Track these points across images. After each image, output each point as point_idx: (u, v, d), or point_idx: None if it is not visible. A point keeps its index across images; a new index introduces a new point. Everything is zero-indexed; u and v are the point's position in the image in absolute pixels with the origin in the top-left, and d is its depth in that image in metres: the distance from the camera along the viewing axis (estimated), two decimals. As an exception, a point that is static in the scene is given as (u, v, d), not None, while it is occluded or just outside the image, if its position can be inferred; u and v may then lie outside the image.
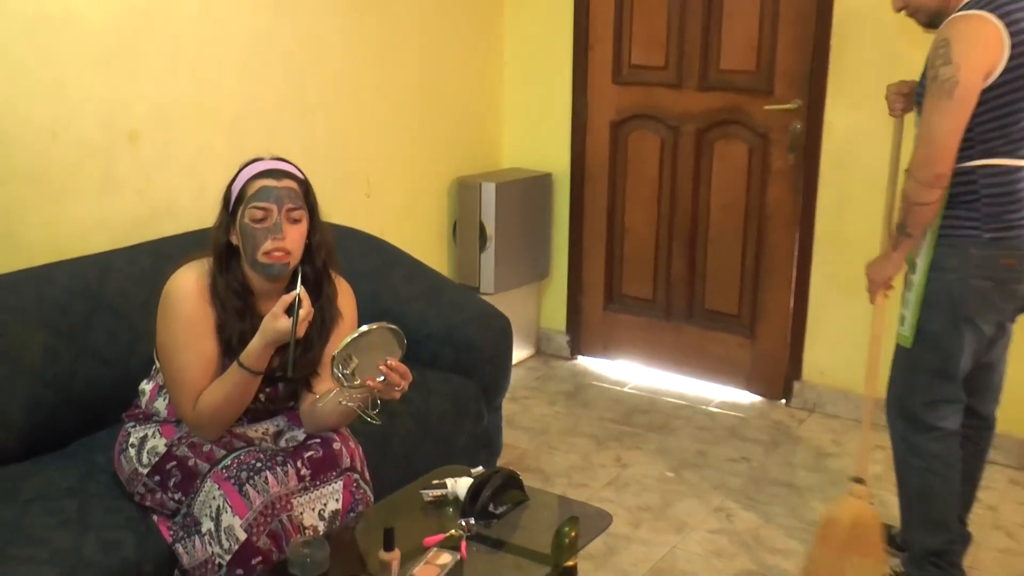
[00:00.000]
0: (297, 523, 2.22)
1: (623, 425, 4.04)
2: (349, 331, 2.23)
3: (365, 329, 2.14)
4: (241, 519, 2.15)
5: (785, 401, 4.26)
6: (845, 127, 3.90)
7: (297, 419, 2.44)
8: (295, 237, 2.28)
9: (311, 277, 2.37)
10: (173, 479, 2.28)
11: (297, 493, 2.25)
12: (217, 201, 2.38)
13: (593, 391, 4.40)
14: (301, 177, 2.35)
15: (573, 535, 2.21)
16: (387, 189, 4.09)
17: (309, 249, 2.35)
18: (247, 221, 2.25)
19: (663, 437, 3.93)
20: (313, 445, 2.34)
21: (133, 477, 2.33)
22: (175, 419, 2.38)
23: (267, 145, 2.98)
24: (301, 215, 2.29)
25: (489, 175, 4.44)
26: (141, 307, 2.69)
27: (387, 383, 2.16)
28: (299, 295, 2.21)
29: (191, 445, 2.31)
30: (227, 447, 2.30)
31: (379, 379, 2.15)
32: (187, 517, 2.25)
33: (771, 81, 4.07)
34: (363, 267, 3.21)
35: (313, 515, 2.28)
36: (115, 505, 2.31)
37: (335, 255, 2.45)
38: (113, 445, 2.42)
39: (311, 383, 2.41)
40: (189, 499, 2.25)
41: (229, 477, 2.19)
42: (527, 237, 4.51)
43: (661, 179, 4.41)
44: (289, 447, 2.36)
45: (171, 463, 2.29)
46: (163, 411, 2.40)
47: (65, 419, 2.60)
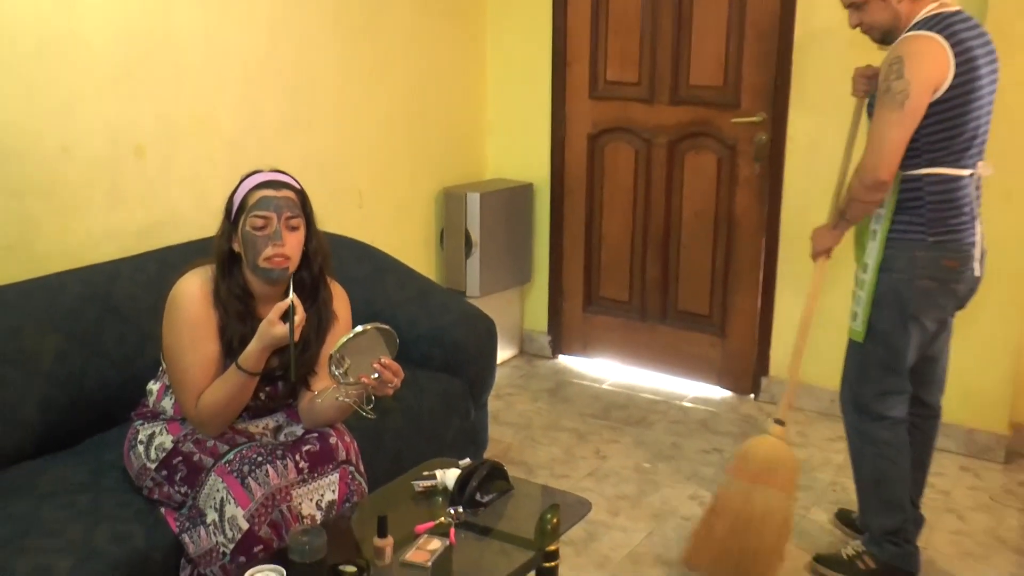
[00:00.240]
0: (296, 513, 2.22)
1: (602, 420, 4.04)
2: (344, 332, 2.22)
3: (360, 330, 2.14)
4: (243, 510, 2.15)
5: (754, 396, 4.28)
6: (807, 138, 3.91)
7: (295, 415, 2.44)
8: (294, 243, 2.28)
9: (308, 282, 2.36)
10: (179, 473, 2.27)
11: (296, 485, 2.25)
12: (218, 211, 2.37)
13: (573, 388, 4.40)
14: (298, 188, 2.35)
15: (555, 521, 2.22)
16: (378, 199, 4.08)
17: (306, 255, 2.34)
18: (248, 229, 2.25)
19: (639, 431, 3.93)
20: (311, 440, 2.34)
21: (142, 472, 2.32)
22: (181, 417, 2.37)
23: (265, 159, 2.97)
24: (299, 223, 2.29)
25: (474, 185, 4.44)
26: (148, 312, 2.66)
27: (381, 380, 2.16)
28: (292, 302, 2.20)
29: (196, 441, 2.30)
30: (230, 442, 2.30)
31: (373, 376, 2.15)
32: (192, 509, 2.24)
33: (738, 95, 4.09)
34: (356, 273, 3.19)
35: (311, 505, 2.28)
36: (125, 499, 2.31)
37: (330, 261, 2.43)
38: (122, 442, 2.42)
39: (309, 381, 2.40)
40: (194, 492, 2.24)
41: (232, 471, 2.19)
42: (510, 244, 4.51)
43: (636, 188, 4.41)
44: (288, 442, 2.35)
45: (177, 458, 2.29)
46: (170, 410, 2.40)
47: (77, 418, 2.60)
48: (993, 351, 3.60)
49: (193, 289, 2.30)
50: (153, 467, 2.30)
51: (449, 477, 2.34)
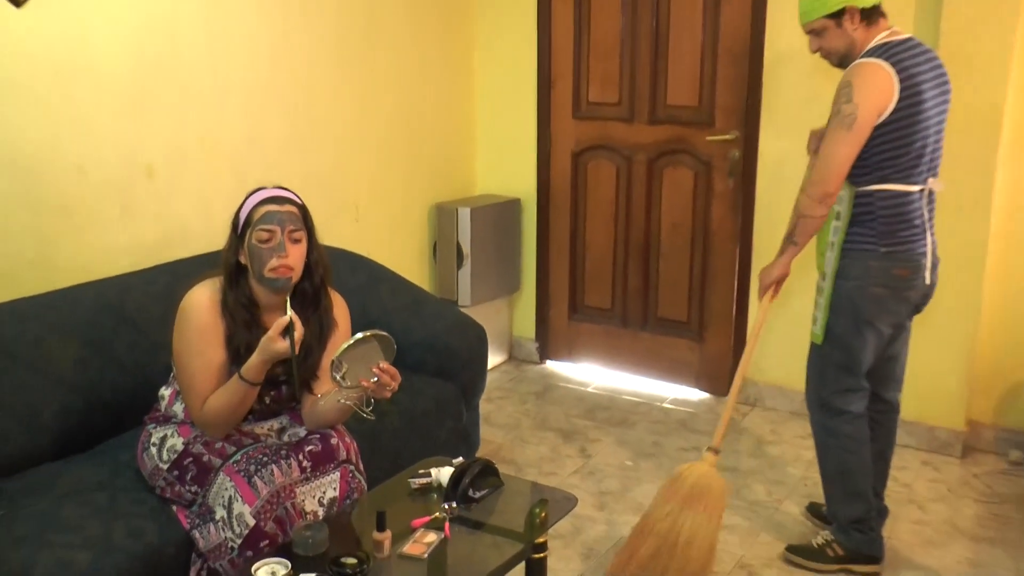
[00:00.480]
0: (300, 509, 2.24)
1: (587, 420, 4.05)
2: (344, 339, 2.23)
3: (360, 336, 2.15)
4: (250, 507, 2.17)
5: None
6: (776, 154, 3.93)
7: (298, 417, 2.44)
8: (296, 255, 2.29)
9: (310, 291, 2.37)
10: (190, 473, 2.28)
11: (299, 483, 2.26)
12: (224, 226, 2.39)
13: (560, 391, 4.40)
14: (300, 203, 2.35)
15: (543, 516, 2.24)
16: (374, 214, 4.09)
17: (308, 266, 2.35)
18: (254, 242, 2.26)
19: (622, 430, 3.95)
20: (313, 440, 2.35)
21: (154, 472, 2.34)
22: (191, 420, 2.37)
23: (267, 177, 2.93)
24: (301, 236, 2.30)
25: (464, 201, 4.45)
26: (159, 321, 2.65)
27: (379, 384, 2.18)
28: (291, 318, 2.20)
29: (205, 443, 2.31)
30: (237, 444, 2.31)
31: (372, 380, 2.16)
32: (202, 506, 2.25)
33: (712, 115, 4.10)
34: (353, 283, 3.19)
35: (314, 502, 2.29)
36: (139, 497, 2.32)
37: (330, 272, 2.44)
38: (136, 445, 2.43)
39: (311, 386, 2.41)
40: (204, 491, 2.26)
41: (239, 470, 2.21)
42: (499, 255, 4.51)
43: (617, 202, 4.42)
44: (292, 442, 2.36)
45: (188, 459, 2.30)
46: (180, 414, 2.41)
47: (94, 422, 2.61)
48: (950, 354, 3.63)
49: (202, 299, 2.31)
50: (165, 467, 2.32)
51: (443, 475, 2.35)
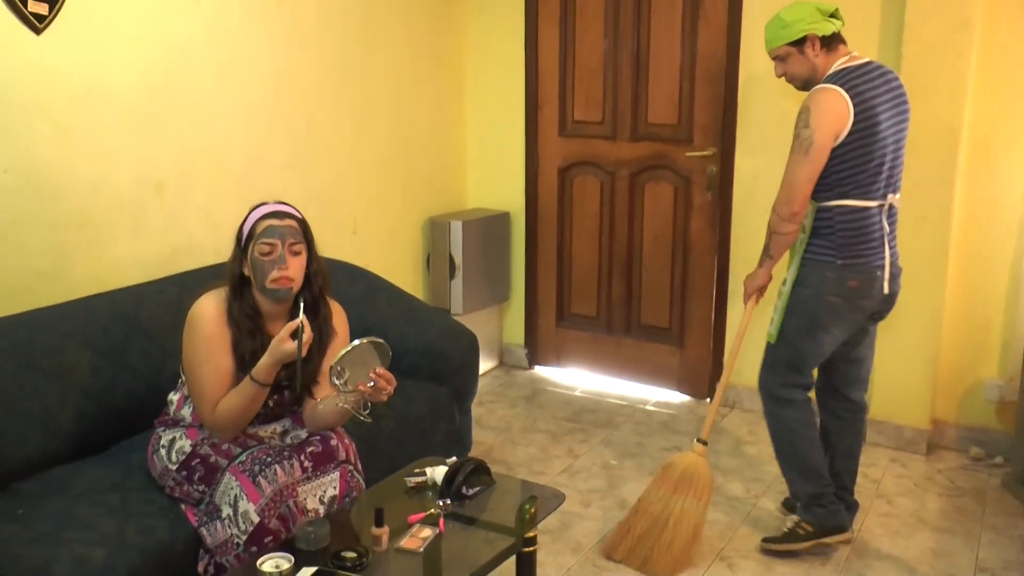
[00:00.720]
0: (302, 507, 2.25)
1: (574, 423, 4.06)
2: (343, 346, 2.25)
3: (357, 343, 2.17)
4: (255, 505, 2.18)
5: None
6: (750, 169, 3.96)
7: (300, 420, 2.45)
8: (297, 267, 2.30)
9: (309, 301, 2.37)
10: (197, 473, 2.29)
11: (301, 482, 2.27)
12: (230, 240, 2.39)
13: (548, 395, 4.41)
14: (300, 217, 2.37)
15: (533, 511, 2.23)
16: (371, 227, 4.10)
17: (308, 277, 2.36)
18: (257, 255, 2.28)
19: (608, 432, 3.96)
20: (314, 442, 2.36)
21: (164, 473, 2.35)
22: (199, 423, 2.38)
23: (270, 192, 2.99)
24: (301, 248, 2.32)
25: (456, 214, 4.45)
26: (169, 330, 2.68)
27: (376, 388, 2.19)
28: (302, 322, 2.22)
29: (212, 445, 2.32)
30: (242, 445, 2.32)
31: (370, 385, 2.18)
32: (209, 505, 2.26)
33: (691, 132, 4.12)
34: (351, 293, 3.17)
35: (315, 500, 2.30)
36: (150, 497, 2.33)
37: (330, 282, 2.45)
38: (147, 447, 2.44)
39: (312, 390, 2.42)
40: (211, 490, 2.27)
41: (244, 470, 2.22)
42: (490, 266, 4.52)
43: (601, 215, 4.44)
44: (294, 444, 2.37)
45: (196, 460, 2.31)
46: (188, 417, 2.41)
47: (107, 426, 2.61)
48: (915, 357, 3.65)
49: (209, 309, 2.32)
50: (174, 468, 2.33)
51: (438, 473, 2.36)
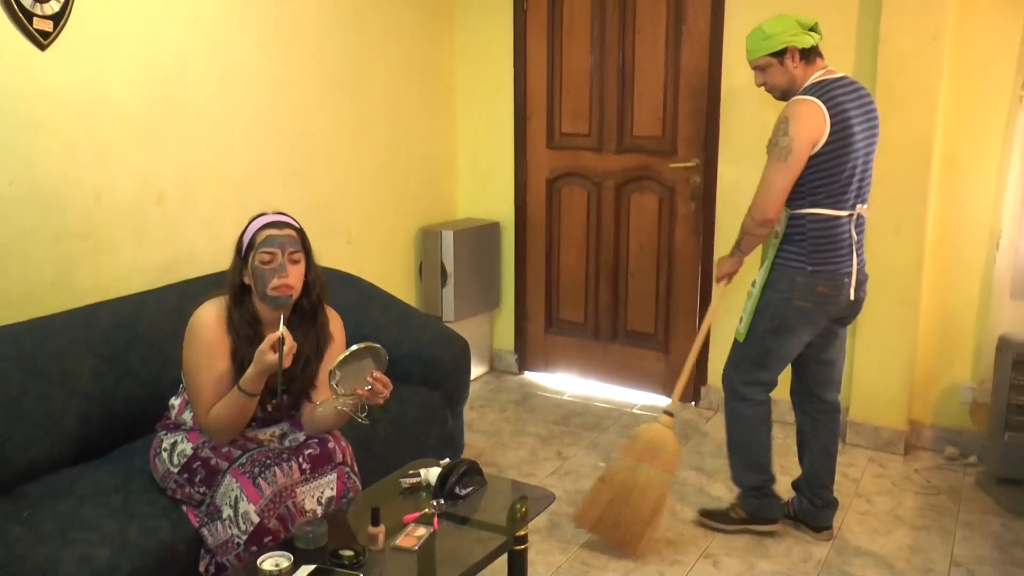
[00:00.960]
0: (300, 508, 2.26)
1: (563, 426, 4.07)
2: (340, 351, 2.25)
3: (354, 348, 2.18)
4: (255, 506, 2.20)
5: (695, 403, 4.30)
6: (733, 180, 3.97)
7: (298, 424, 2.46)
8: (296, 275, 2.32)
9: (307, 308, 2.39)
10: (198, 476, 2.30)
11: (300, 483, 2.29)
12: (229, 249, 2.40)
13: (537, 399, 4.42)
14: (298, 227, 2.38)
15: (524, 511, 2.26)
16: (365, 237, 4.11)
17: (306, 285, 2.37)
18: (257, 264, 2.29)
19: (595, 435, 3.97)
20: (312, 444, 2.37)
21: (166, 475, 2.36)
22: (199, 427, 2.38)
23: (268, 203, 2.97)
24: (300, 257, 2.33)
25: (448, 224, 4.46)
26: (170, 337, 2.67)
27: (373, 391, 2.20)
28: (283, 333, 2.20)
29: (213, 448, 2.33)
30: (242, 448, 2.33)
31: (366, 388, 2.19)
32: (210, 506, 2.28)
33: (675, 144, 4.14)
34: (346, 301, 3.13)
35: (313, 501, 2.31)
36: (152, 498, 2.35)
37: (327, 290, 2.46)
38: (149, 450, 2.45)
39: (310, 394, 2.42)
40: (212, 491, 2.28)
41: (244, 472, 2.24)
42: (480, 274, 4.53)
43: (588, 225, 4.45)
44: (292, 446, 2.38)
45: (197, 463, 2.32)
46: (189, 421, 2.42)
47: (109, 430, 2.62)
48: (892, 361, 3.68)
49: (209, 316, 2.33)
50: (176, 471, 2.34)
51: (432, 475, 2.38)
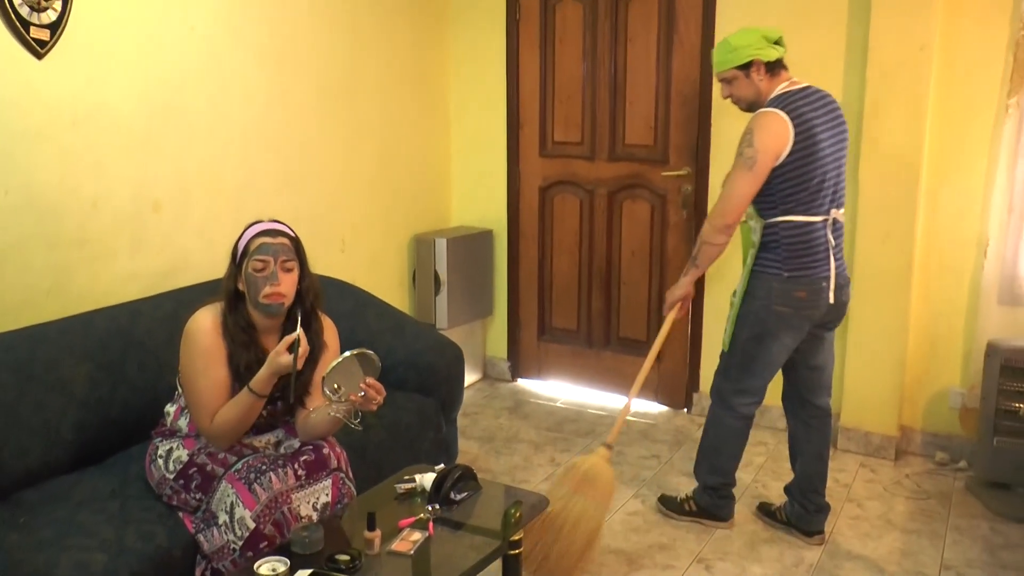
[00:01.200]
0: (295, 513, 2.26)
1: (556, 433, 4.08)
2: (334, 358, 2.24)
3: (348, 354, 2.18)
4: (251, 511, 2.20)
5: (686, 410, 4.32)
6: None
7: (293, 430, 2.47)
8: (289, 283, 2.33)
9: (302, 315, 2.37)
10: (194, 482, 2.31)
11: (295, 489, 2.29)
12: (224, 257, 2.41)
13: (530, 406, 4.42)
14: (293, 235, 2.38)
15: (518, 515, 2.28)
16: (358, 245, 4.12)
17: (300, 293, 2.37)
18: (250, 271, 2.30)
19: (588, 441, 3.97)
20: (307, 450, 2.37)
21: (162, 482, 2.36)
22: (195, 434, 2.40)
23: (263, 212, 3.02)
24: (293, 265, 2.34)
25: (441, 232, 4.47)
26: (165, 344, 2.70)
27: (366, 398, 2.20)
28: (299, 336, 2.24)
29: (209, 454, 2.34)
30: (238, 454, 2.34)
31: (360, 395, 2.19)
32: (206, 512, 2.28)
33: (666, 153, 4.16)
34: (340, 308, 3.15)
35: (308, 507, 2.31)
36: (148, 504, 2.34)
37: (321, 297, 2.46)
38: (145, 457, 2.45)
39: (304, 401, 2.43)
40: (208, 497, 2.29)
41: (240, 478, 2.24)
42: (473, 282, 4.54)
43: (581, 233, 4.46)
44: (287, 453, 2.38)
45: (192, 469, 2.32)
46: (185, 428, 2.42)
47: (105, 437, 2.62)
48: (883, 367, 3.70)
49: (205, 323, 2.34)
50: (172, 477, 2.35)
51: (426, 480, 2.38)
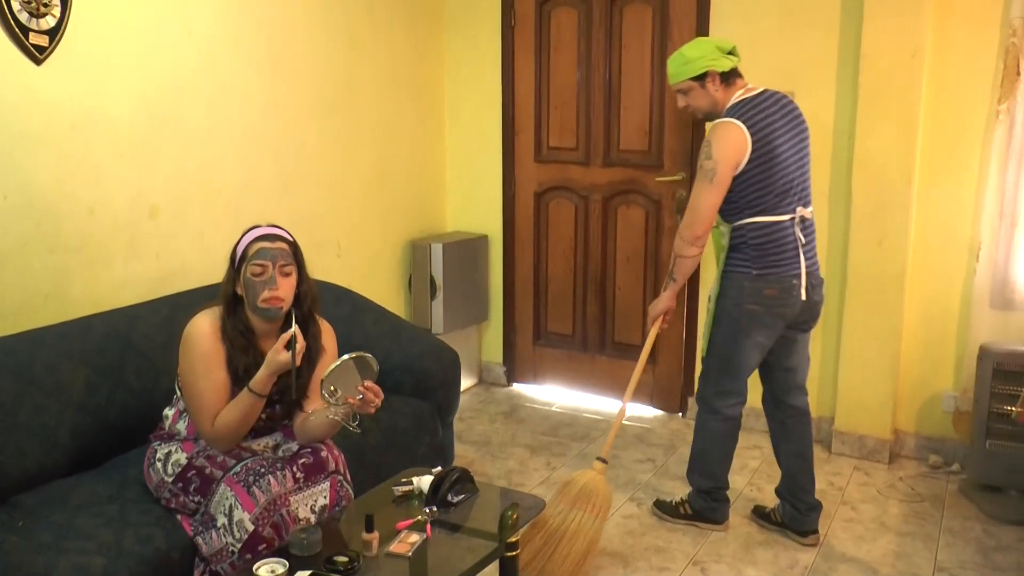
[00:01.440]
0: (294, 516, 2.27)
1: (551, 437, 4.09)
2: (332, 362, 2.26)
3: (346, 358, 2.20)
4: (249, 514, 2.21)
5: (681, 414, 4.32)
6: None
7: (291, 434, 2.48)
8: (287, 287, 2.34)
9: (300, 319, 2.39)
10: (193, 485, 2.31)
11: (293, 492, 2.30)
12: (221, 262, 2.42)
13: (526, 411, 4.42)
14: (291, 240, 2.39)
15: (515, 518, 2.29)
16: (354, 250, 4.12)
17: (298, 297, 2.39)
18: (249, 276, 2.31)
19: (584, 445, 3.98)
20: (305, 453, 2.38)
21: (160, 485, 2.36)
22: (194, 437, 2.41)
23: (259, 217, 3.01)
24: (291, 270, 2.35)
25: (437, 237, 4.47)
26: (162, 348, 2.72)
27: (364, 400, 2.22)
28: (295, 332, 2.26)
29: (207, 457, 2.35)
30: (236, 457, 2.35)
31: (358, 397, 2.21)
32: (205, 515, 2.28)
33: (660, 158, 4.17)
34: (337, 313, 3.16)
35: (307, 509, 2.32)
36: (146, 508, 2.35)
37: (319, 301, 2.47)
38: (143, 461, 2.46)
39: (302, 404, 2.44)
40: (206, 500, 2.29)
41: (239, 480, 2.25)
42: (469, 287, 4.54)
43: (576, 238, 4.47)
44: (286, 456, 2.39)
45: (191, 472, 2.33)
46: (183, 431, 2.43)
47: (104, 440, 2.62)
48: (877, 371, 3.72)
49: (204, 326, 2.35)
50: (170, 480, 2.35)
51: (424, 482, 2.39)
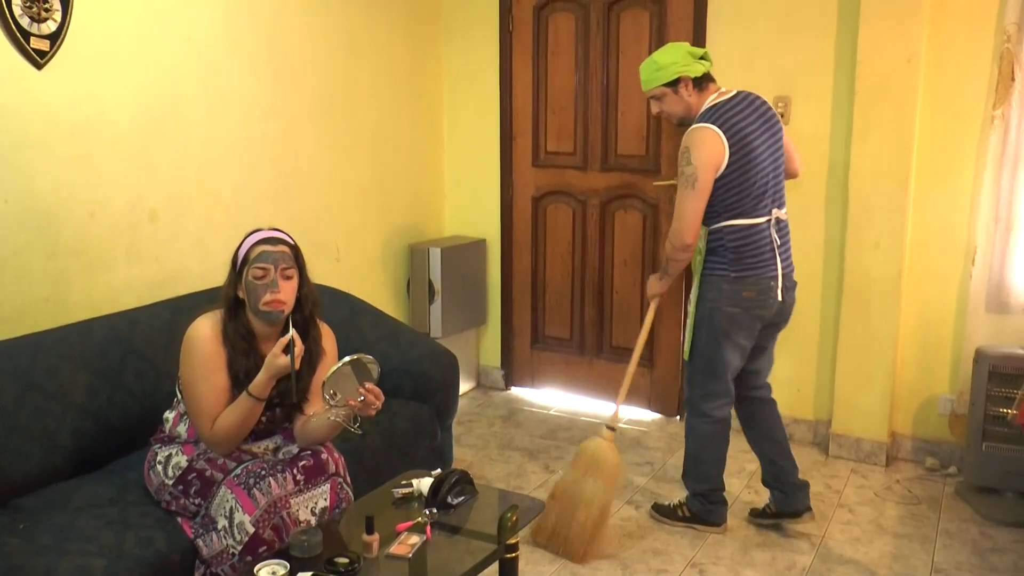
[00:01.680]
0: (294, 518, 2.28)
1: (549, 440, 4.09)
2: (332, 365, 2.26)
3: (347, 360, 2.21)
4: (250, 516, 2.22)
5: (679, 417, 4.31)
6: None
7: (291, 437, 2.49)
8: (288, 290, 2.35)
9: (300, 322, 2.40)
10: (193, 487, 2.32)
11: (294, 494, 2.31)
12: (220, 266, 2.42)
13: (524, 414, 4.43)
14: (292, 243, 2.40)
15: (514, 520, 2.30)
16: (353, 254, 4.13)
17: (299, 300, 2.39)
18: (250, 279, 2.32)
19: None
20: (305, 456, 2.39)
21: (160, 488, 2.37)
22: (194, 440, 2.42)
23: (259, 220, 3.02)
24: (293, 273, 2.36)
25: (435, 242, 4.48)
26: (162, 352, 2.73)
27: (365, 402, 2.23)
28: (292, 336, 2.27)
29: (208, 460, 2.36)
30: (237, 460, 2.36)
31: (359, 399, 2.22)
32: (205, 517, 2.29)
33: (657, 163, 4.18)
34: (336, 317, 3.09)
35: (307, 511, 2.33)
36: (147, 510, 2.36)
37: (320, 305, 2.48)
38: (143, 463, 2.47)
39: (302, 407, 2.45)
40: (207, 503, 2.30)
41: (239, 483, 2.26)
42: (467, 291, 4.54)
43: (573, 242, 4.48)
44: (286, 458, 2.40)
45: (192, 475, 2.34)
46: (184, 434, 2.44)
47: (104, 443, 2.63)
48: (874, 375, 3.73)
49: (205, 330, 2.36)
50: (171, 483, 2.36)
51: (423, 485, 2.40)
